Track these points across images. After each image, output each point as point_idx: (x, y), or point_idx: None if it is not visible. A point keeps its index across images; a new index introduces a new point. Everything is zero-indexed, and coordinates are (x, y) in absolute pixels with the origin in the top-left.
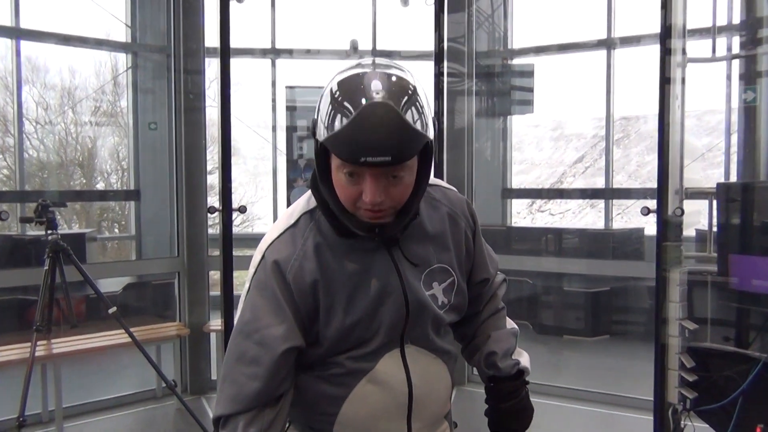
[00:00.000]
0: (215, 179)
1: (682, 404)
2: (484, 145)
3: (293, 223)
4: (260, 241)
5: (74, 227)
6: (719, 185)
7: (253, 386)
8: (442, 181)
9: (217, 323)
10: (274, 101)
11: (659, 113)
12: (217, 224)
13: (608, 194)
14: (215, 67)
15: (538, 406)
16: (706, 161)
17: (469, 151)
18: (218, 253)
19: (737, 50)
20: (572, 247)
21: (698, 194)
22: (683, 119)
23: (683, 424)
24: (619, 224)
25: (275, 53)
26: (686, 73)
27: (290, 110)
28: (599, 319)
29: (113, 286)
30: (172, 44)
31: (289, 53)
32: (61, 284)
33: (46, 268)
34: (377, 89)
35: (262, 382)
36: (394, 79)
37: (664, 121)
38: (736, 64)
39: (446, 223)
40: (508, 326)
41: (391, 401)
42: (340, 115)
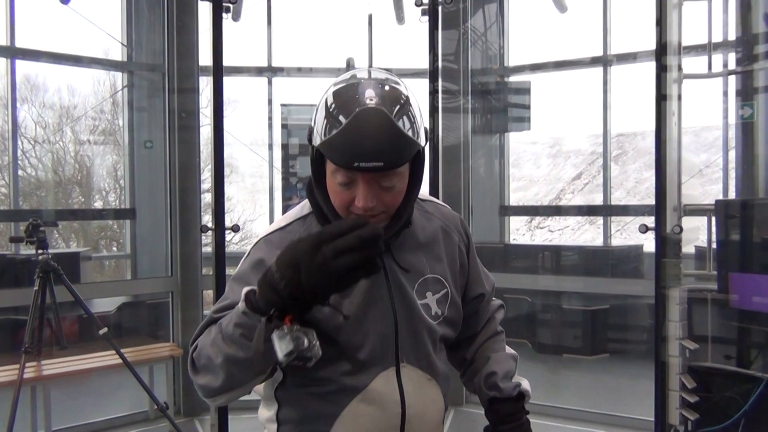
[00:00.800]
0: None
1: (683, 426)
2: (480, 162)
3: (284, 225)
4: None
5: (72, 246)
6: (718, 202)
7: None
8: (437, 199)
9: None
10: (270, 119)
11: (656, 130)
12: (211, 243)
13: (606, 211)
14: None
15: (536, 427)
16: (703, 177)
17: (465, 168)
18: (212, 272)
19: (733, 66)
20: (571, 264)
21: (697, 211)
22: (680, 136)
23: None
24: (618, 241)
25: (271, 71)
26: (683, 89)
27: (285, 128)
28: (598, 337)
29: (108, 305)
30: (166, 63)
31: (285, 71)
32: (51, 305)
33: (35, 288)
34: (371, 96)
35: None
36: (387, 87)
37: (661, 137)
38: (732, 80)
39: (439, 235)
40: (507, 351)
41: (383, 422)
42: (334, 120)
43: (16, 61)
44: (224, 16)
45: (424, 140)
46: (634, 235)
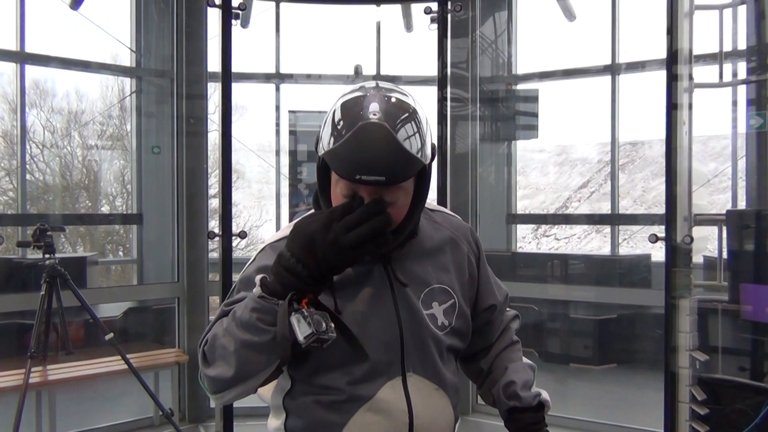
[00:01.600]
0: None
1: None
2: (488, 169)
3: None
4: None
5: (79, 250)
6: (729, 212)
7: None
8: (445, 208)
9: None
10: (277, 125)
11: (666, 139)
12: (218, 249)
13: (614, 220)
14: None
15: None
16: (711, 186)
17: (473, 175)
18: (218, 278)
19: (743, 75)
20: (578, 273)
21: (708, 221)
22: (691, 145)
23: None
24: (625, 250)
25: (279, 78)
26: (693, 98)
27: (293, 134)
28: (606, 347)
29: (114, 310)
30: (174, 69)
31: (293, 78)
32: (57, 310)
33: (42, 293)
34: (375, 110)
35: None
36: (393, 100)
37: (671, 147)
38: (741, 89)
39: (447, 245)
40: (524, 361)
41: (391, 431)
42: (338, 132)
43: (25, 66)
44: (233, 22)
45: (430, 155)
46: (641, 244)
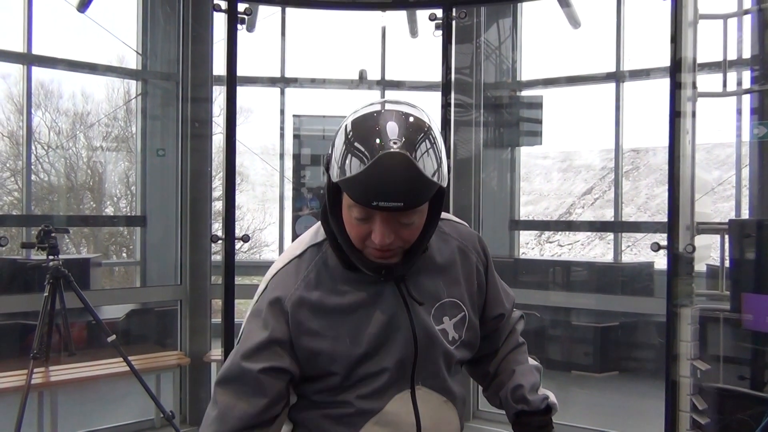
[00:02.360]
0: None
1: None
2: (491, 175)
3: (299, 254)
4: (267, 269)
5: (83, 251)
6: (731, 221)
7: (239, 406)
8: (453, 216)
9: (217, 353)
10: (282, 129)
11: (669, 147)
12: (221, 251)
13: (617, 227)
14: (224, 95)
15: None
16: (715, 195)
17: (476, 181)
18: (221, 281)
19: (747, 84)
20: (581, 280)
21: (710, 230)
22: (694, 153)
23: None
24: (628, 257)
25: (284, 82)
26: (696, 107)
27: (297, 138)
28: (608, 354)
29: (116, 312)
30: (180, 72)
31: (297, 82)
32: (60, 311)
33: (45, 294)
34: (393, 136)
35: (247, 402)
36: (410, 121)
37: (674, 155)
38: (746, 98)
39: (456, 256)
40: (531, 362)
41: None
42: (355, 159)
43: (32, 67)
44: (239, 27)
45: (446, 173)
46: (644, 251)
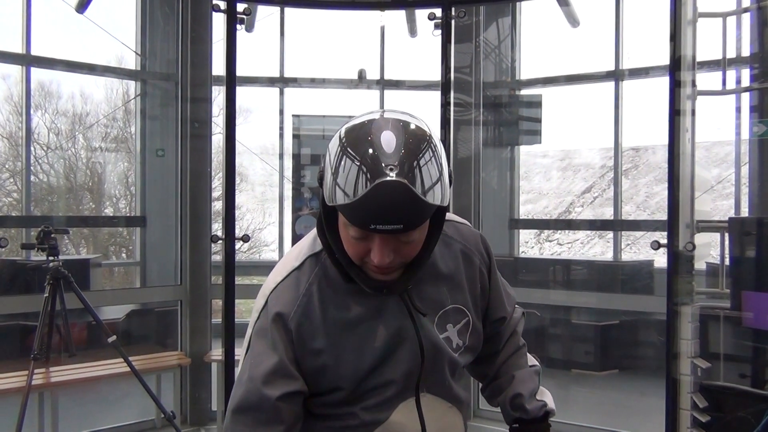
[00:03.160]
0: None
1: None
2: (491, 174)
3: (298, 265)
4: (267, 269)
5: (82, 252)
6: (731, 219)
7: None
8: (454, 215)
9: (218, 353)
10: (281, 129)
11: (669, 146)
12: (221, 251)
13: (617, 226)
14: (224, 95)
15: None
16: (714, 193)
17: (476, 180)
18: (221, 281)
19: (746, 82)
20: (581, 279)
21: (710, 228)
22: (694, 152)
23: None
24: (628, 255)
25: (283, 82)
26: (696, 105)
27: (297, 138)
28: (608, 353)
29: (116, 312)
30: (179, 72)
31: (297, 82)
32: (60, 312)
33: (45, 295)
34: (390, 162)
35: (262, 431)
36: (408, 135)
37: (674, 153)
38: (745, 96)
39: (459, 260)
40: (530, 364)
41: None
42: (350, 183)
43: (31, 68)
44: (238, 27)
45: (448, 187)
46: (644, 249)
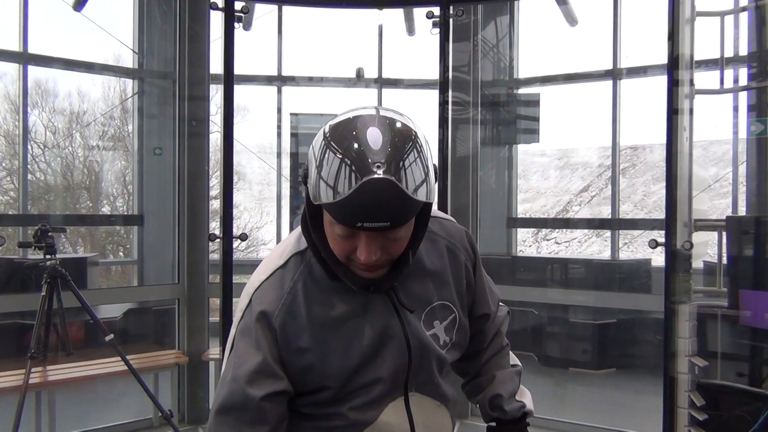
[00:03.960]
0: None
1: None
2: (489, 173)
3: (282, 264)
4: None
5: (79, 251)
6: (729, 218)
7: None
8: (439, 211)
9: (216, 351)
10: (279, 128)
11: (667, 144)
12: (218, 250)
13: (615, 225)
14: (221, 93)
15: None
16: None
17: (473, 179)
18: (219, 279)
19: (744, 81)
20: (578, 277)
21: (707, 227)
22: (691, 151)
23: None
24: (625, 254)
25: (281, 80)
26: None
27: (294, 137)
28: (606, 351)
29: (114, 311)
30: (177, 71)
31: (294, 80)
32: (57, 310)
33: (43, 293)
34: (377, 159)
35: (247, 430)
36: (394, 132)
37: (672, 152)
38: (743, 95)
39: (445, 257)
40: (512, 364)
41: None
42: (336, 182)
43: (28, 66)
44: (236, 25)
45: (434, 183)
46: (641, 248)
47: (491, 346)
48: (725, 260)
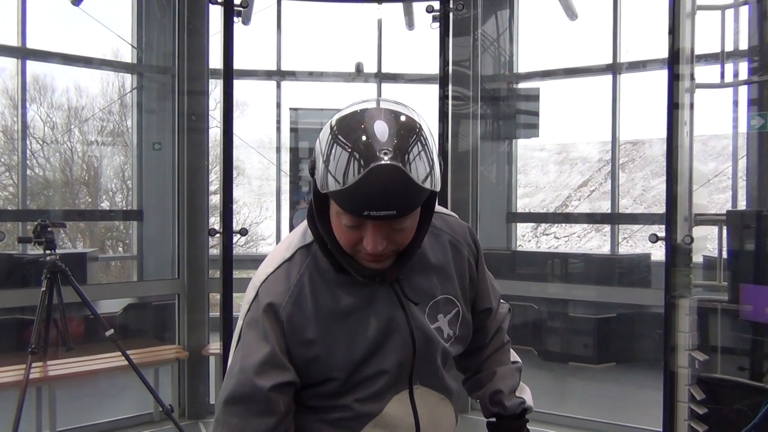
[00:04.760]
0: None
1: None
2: (488, 168)
3: (289, 257)
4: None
5: (79, 246)
6: (729, 212)
7: (250, 427)
8: (443, 207)
9: (216, 346)
10: (278, 122)
11: (667, 139)
12: (218, 245)
13: (614, 219)
14: (221, 88)
15: None
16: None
17: (473, 174)
18: (219, 274)
19: (745, 75)
20: (578, 272)
21: (707, 221)
22: (692, 145)
23: None
24: (625, 249)
25: (281, 75)
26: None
27: (294, 132)
28: (606, 346)
29: (114, 306)
30: (176, 65)
31: (294, 75)
32: (58, 305)
33: (43, 289)
34: (384, 145)
35: (258, 422)
36: (400, 123)
37: (672, 146)
38: (742, 89)
39: (448, 251)
40: (512, 360)
41: None
42: (343, 170)
43: (26, 61)
44: (235, 19)
45: (438, 175)
46: (641, 243)
47: (492, 342)
48: (725, 254)
